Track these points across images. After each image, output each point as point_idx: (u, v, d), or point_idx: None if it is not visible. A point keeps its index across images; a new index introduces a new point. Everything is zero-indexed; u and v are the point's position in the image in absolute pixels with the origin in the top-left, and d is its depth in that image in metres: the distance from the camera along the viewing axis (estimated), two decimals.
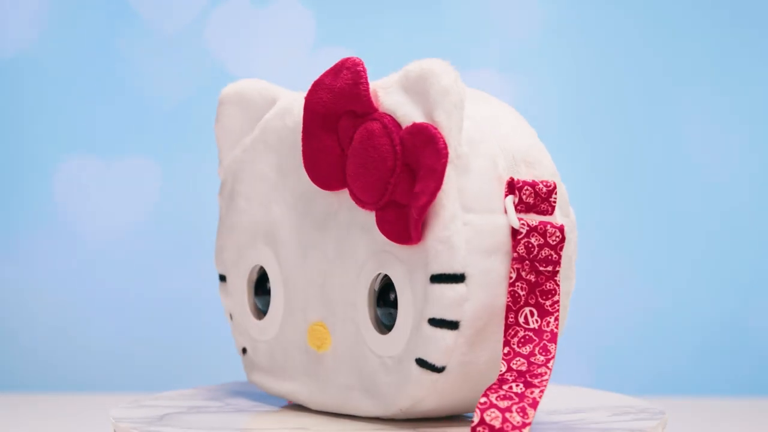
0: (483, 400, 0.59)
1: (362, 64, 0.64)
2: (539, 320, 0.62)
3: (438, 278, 0.61)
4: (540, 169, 0.65)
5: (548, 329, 0.62)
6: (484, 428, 0.58)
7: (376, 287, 0.65)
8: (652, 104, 1.66)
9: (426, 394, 0.63)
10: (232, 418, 0.70)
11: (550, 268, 0.62)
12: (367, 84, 0.63)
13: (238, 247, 0.73)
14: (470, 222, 0.61)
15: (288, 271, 0.70)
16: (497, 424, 0.58)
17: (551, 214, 0.64)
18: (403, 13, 1.64)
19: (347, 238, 0.66)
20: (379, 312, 0.65)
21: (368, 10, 1.64)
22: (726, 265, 1.65)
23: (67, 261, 1.63)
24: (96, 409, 1.43)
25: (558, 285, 0.63)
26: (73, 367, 1.61)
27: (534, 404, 0.59)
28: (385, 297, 0.65)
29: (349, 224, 0.66)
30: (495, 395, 0.60)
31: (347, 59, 0.64)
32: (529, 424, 0.59)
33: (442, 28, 1.65)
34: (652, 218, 1.65)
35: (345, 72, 0.64)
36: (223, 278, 0.75)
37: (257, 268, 0.72)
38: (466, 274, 0.61)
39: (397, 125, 0.62)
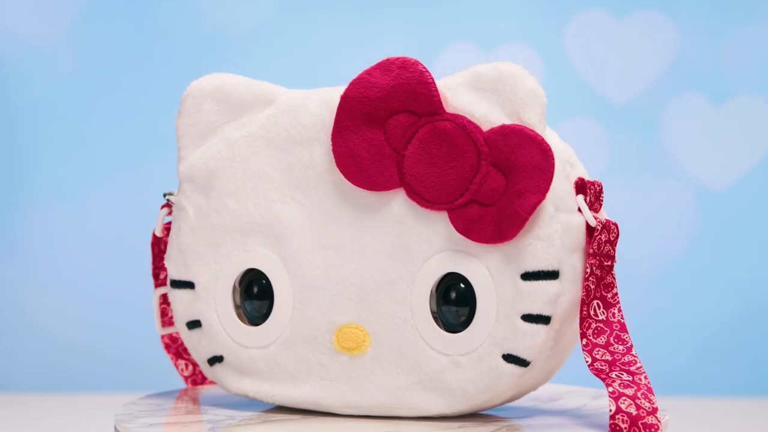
0: (611, 389, 0.62)
1: (422, 64, 0.63)
2: (605, 312, 0.65)
3: (534, 275, 0.62)
4: (577, 169, 0.67)
5: (615, 320, 0.65)
6: (623, 416, 0.62)
7: (443, 286, 0.64)
8: (650, 103, 1.66)
9: (509, 387, 0.64)
10: (304, 427, 0.65)
11: (609, 263, 0.65)
12: (435, 84, 0.63)
13: (218, 249, 0.68)
14: (560, 220, 0.63)
15: (301, 273, 0.66)
16: (633, 410, 0.62)
17: (599, 211, 0.66)
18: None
19: (396, 238, 0.64)
20: (443, 310, 0.64)
21: None
22: (726, 265, 1.65)
23: (65, 261, 1.63)
24: (95, 409, 1.42)
25: (614, 278, 0.65)
26: (73, 367, 1.60)
27: (650, 390, 0.63)
28: (447, 295, 0.64)
29: (400, 223, 0.64)
30: (617, 383, 0.63)
31: (399, 58, 0.63)
32: (657, 408, 0.62)
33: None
34: (652, 218, 1.65)
35: (400, 71, 0.63)
36: (184, 285, 0.69)
37: (244, 272, 0.68)
38: (560, 271, 0.62)
39: (476, 126, 0.62)
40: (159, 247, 0.74)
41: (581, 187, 0.65)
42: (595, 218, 0.64)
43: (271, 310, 0.67)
